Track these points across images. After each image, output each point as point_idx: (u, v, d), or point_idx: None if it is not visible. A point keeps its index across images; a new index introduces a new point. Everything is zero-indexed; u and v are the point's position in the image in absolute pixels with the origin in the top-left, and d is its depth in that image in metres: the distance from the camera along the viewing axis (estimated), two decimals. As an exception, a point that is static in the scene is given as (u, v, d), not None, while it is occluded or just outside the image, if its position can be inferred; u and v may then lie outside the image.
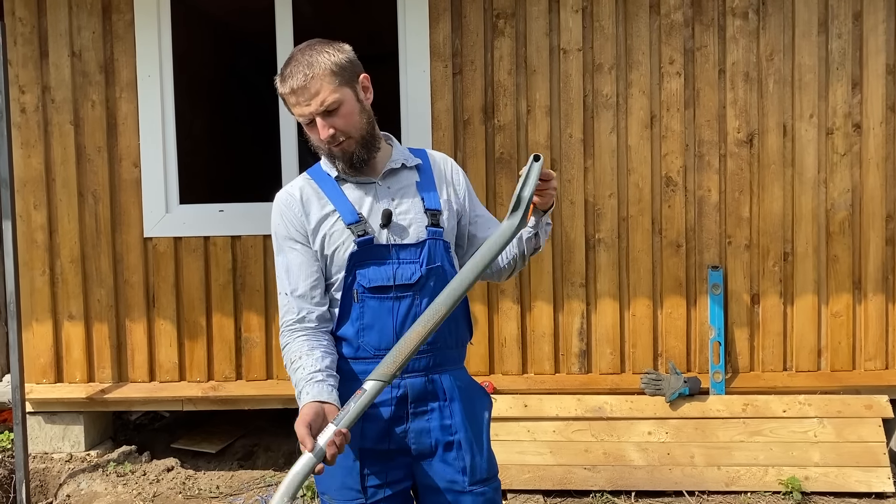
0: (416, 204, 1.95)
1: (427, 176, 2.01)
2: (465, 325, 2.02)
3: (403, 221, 1.93)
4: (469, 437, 1.93)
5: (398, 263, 1.90)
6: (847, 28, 3.91)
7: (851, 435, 3.76)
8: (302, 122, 1.88)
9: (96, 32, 4.00)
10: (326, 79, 1.82)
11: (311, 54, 1.84)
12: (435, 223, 1.94)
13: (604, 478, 3.73)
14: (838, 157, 3.94)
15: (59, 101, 4.03)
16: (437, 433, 1.93)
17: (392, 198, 1.95)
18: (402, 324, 1.89)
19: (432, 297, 1.86)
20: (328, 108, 1.83)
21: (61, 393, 4.08)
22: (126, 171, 4.04)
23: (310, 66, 1.82)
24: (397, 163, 1.98)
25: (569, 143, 3.96)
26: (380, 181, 1.96)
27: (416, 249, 1.92)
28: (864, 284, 3.96)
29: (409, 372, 1.90)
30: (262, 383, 4.07)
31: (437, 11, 3.95)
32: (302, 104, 1.83)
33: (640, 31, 3.94)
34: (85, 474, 3.98)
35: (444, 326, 1.89)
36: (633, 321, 4.00)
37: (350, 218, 1.91)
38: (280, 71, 1.89)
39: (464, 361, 2.05)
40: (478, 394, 2.03)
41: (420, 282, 1.90)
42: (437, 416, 1.93)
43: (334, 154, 1.90)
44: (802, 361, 3.98)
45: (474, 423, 1.96)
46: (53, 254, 4.07)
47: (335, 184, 1.97)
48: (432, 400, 1.93)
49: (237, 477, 4.04)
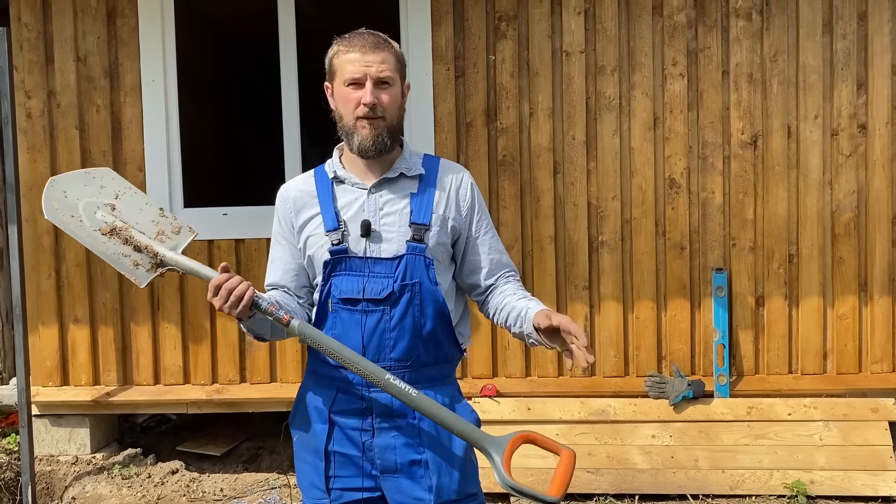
0: (402, 216, 1.93)
1: (427, 187, 1.97)
2: (448, 344, 1.98)
3: (385, 233, 1.92)
4: (437, 457, 1.92)
5: (370, 277, 1.89)
6: (852, 28, 3.88)
7: (857, 438, 3.74)
8: (352, 77, 1.88)
9: (101, 37, 4.03)
10: (393, 57, 1.91)
11: (384, 37, 1.93)
12: (418, 238, 1.91)
13: (607, 481, 3.72)
14: (843, 158, 3.91)
15: (65, 105, 4.06)
16: (403, 451, 1.92)
17: (380, 207, 1.94)
18: (370, 338, 1.89)
19: (406, 314, 1.88)
20: (384, 78, 1.88)
21: (67, 396, 4.11)
22: (130, 175, 4.06)
23: (385, 41, 1.91)
24: (395, 171, 1.97)
25: (571, 146, 3.96)
26: (372, 188, 1.96)
27: (391, 263, 1.90)
28: (870, 286, 3.93)
29: (376, 386, 1.89)
30: (266, 386, 4.08)
31: (439, 14, 3.95)
32: (365, 63, 1.87)
33: (643, 33, 3.93)
34: (90, 477, 4.00)
35: (420, 345, 1.91)
36: (636, 324, 3.99)
37: (329, 224, 1.93)
38: (345, 35, 1.94)
39: (449, 378, 2.02)
40: (460, 412, 1.97)
41: (391, 297, 1.88)
42: (405, 433, 1.92)
43: (359, 130, 1.90)
44: (808, 364, 3.96)
45: (447, 443, 1.93)
46: (59, 257, 4.10)
47: (330, 185, 1.98)
48: (400, 417, 1.92)
49: (241, 479, 4.05)
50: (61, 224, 1.95)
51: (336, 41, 1.94)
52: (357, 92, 1.88)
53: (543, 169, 3.96)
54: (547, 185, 3.96)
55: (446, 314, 1.94)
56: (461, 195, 2.01)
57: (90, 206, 1.94)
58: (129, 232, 1.92)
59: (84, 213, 1.94)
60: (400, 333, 1.90)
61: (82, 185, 1.96)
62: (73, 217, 1.94)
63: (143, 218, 1.95)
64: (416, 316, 1.90)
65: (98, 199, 1.94)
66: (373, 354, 1.90)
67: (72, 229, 1.95)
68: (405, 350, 1.91)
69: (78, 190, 1.95)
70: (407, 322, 1.90)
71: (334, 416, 1.94)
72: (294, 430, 2.04)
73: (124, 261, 1.93)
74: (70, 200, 1.95)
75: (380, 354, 1.90)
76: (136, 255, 1.93)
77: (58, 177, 1.98)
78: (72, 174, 1.99)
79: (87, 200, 1.94)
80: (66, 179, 1.97)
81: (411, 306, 1.90)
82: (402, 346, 1.90)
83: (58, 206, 1.94)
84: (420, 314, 1.91)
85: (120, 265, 1.94)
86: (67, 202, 1.94)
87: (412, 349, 1.91)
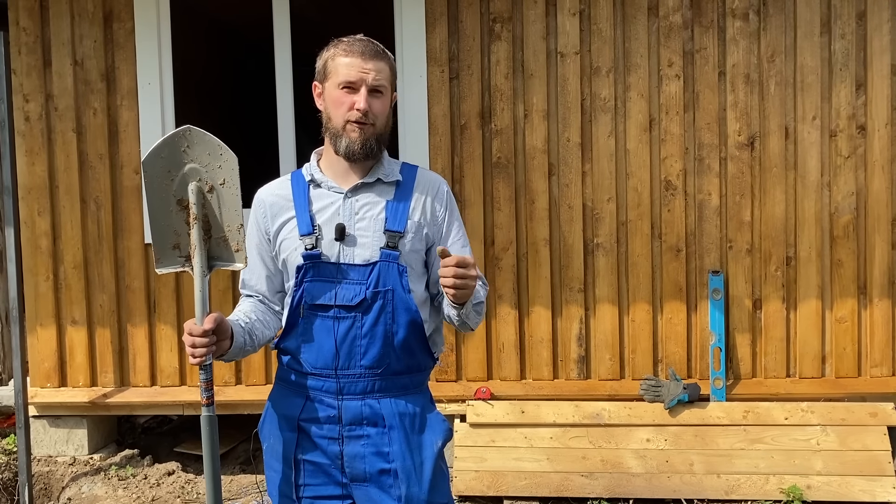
0: (377, 222, 1.92)
1: (403, 194, 1.96)
2: (421, 352, 1.97)
3: (360, 238, 1.91)
4: (408, 466, 1.91)
5: (342, 283, 1.89)
6: (850, 28, 3.84)
7: (855, 443, 3.69)
8: (347, 81, 1.88)
9: (98, 41, 4.05)
10: (388, 68, 1.93)
11: (382, 47, 1.94)
12: (392, 245, 1.90)
13: (601, 485, 3.70)
14: (842, 159, 3.87)
15: (62, 109, 4.08)
16: (372, 459, 1.91)
17: (356, 212, 1.93)
18: (342, 344, 1.89)
19: (378, 322, 1.88)
20: (378, 87, 1.89)
21: (65, 397, 4.13)
22: (127, 177, 4.08)
23: (383, 52, 1.93)
24: (373, 177, 1.96)
25: (567, 148, 3.93)
26: (349, 193, 1.95)
27: (364, 270, 1.89)
28: (869, 289, 3.88)
29: (346, 394, 1.90)
30: (262, 388, 4.08)
31: (433, 16, 3.94)
32: (363, 69, 1.88)
33: (639, 34, 3.90)
34: (87, 478, 4.03)
35: (392, 353, 1.91)
36: (632, 327, 3.96)
37: (304, 229, 1.93)
38: (343, 39, 1.94)
39: (421, 387, 2.01)
40: (430, 422, 1.98)
41: (363, 304, 1.88)
42: (374, 442, 1.91)
43: (348, 133, 1.90)
44: (806, 368, 3.91)
45: (417, 452, 1.93)
46: (57, 259, 4.13)
47: (306, 189, 1.98)
48: (369, 425, 1.91)
49: (237, 481, 4.06)
50: (149, 172, 1.85)
51: (334, 43, 1.93)
52: (350, 96, 1.88)
53: (538, 171, 3.94)
54: (542, 188, 3.94)
55: (419, 323, 1.93)
56: (437, 203, 2.00)
57: (193, 174, 1.85)
58: (194, 222, 1.85)
59: (181, 176, 1.85)
60: (371, 341, 1.89)
61: (207, 152, 1.86)
62: (169, 173, 1.85)
63: (225, 217, 1.88)
64: (387, 323, 1.90)
65: (206, 174, 1.86)
66: (344, 361, 1.90)
67: (153, 184, 1.86)
68: (376, 357, 1.90)
69: (200, 153, 1.86)
70: (378, 329, 1.89)
71: (303, 424, 1.94)
72: (263, 438, 2.03)
73: (170, 237, 1.88)
74: (184, 157, 1.86)
75: (350, 361, 1.90)
76: (183, 240, 1.88)
77: (194, 129, 1.86)
78: (207, 136, 1.87)
79: (195, 167, 1.85)
80: (200, 137, 1.86)
81: (383, 314, 1.89)
82: (373, 353, 1.90)
83: (165, 155, 1.85)
84: (392, 322, 1.90)
85: (161, 238, 1.88)
86: (180, 157, 1.85)
87: (383, 357, 1.90)
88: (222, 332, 1.80)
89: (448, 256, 1.75)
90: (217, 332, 1.79)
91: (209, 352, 1.77)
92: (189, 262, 1.89)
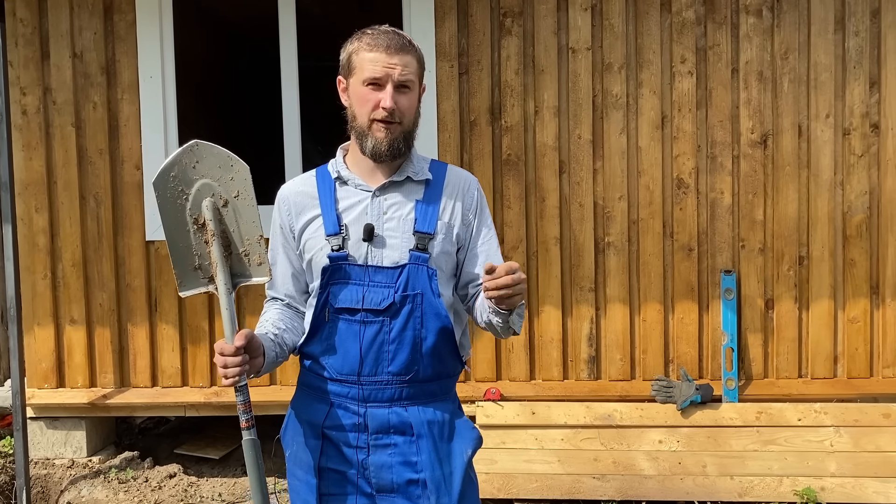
0: (406, 223, 1.85)
1: (433, 194, 1.89)
2: (450, 358, 1.90)
3: (388, 239, 1.84)
4: (437, 476, 1.84)
5: (369, 286, 1.82)
6: (864, 25, 3.80)
7: (869, 444, 3.66)
8: (372, 78, 1.79)
9: (97, 33, 3.95)
10: (415, 61, 1.83)
11: (407, 37, 1.85)
12: (422, 247, 1.83)
13: (613, 487, 3.65)
14: (855, 158, 3.83)
15: (61, 102, 3.98)
16: (400, 469, 1.84)
17: (384, 211, 1.86)
18: (368, 350, 1.82)
19: (407, 326, 1.81)
20: (405, 82, 1.81)
21: (63, 398, 4.03)
22: (128, 173, 3.99)
23: (410, 44, 1.84)
24: (402, 175, 1.89)
25: (577, 145, 3.87)
26: (377, 191, 1.88)
27: (392, 273, 1.82)
28: (881, 289, 3.85)
29: (371, 401, 1.83)
30: (266, 389, 4.00)
31: (442, 10, 3.87)
32: (388, 64, 1.79)
33: (651, 30, 3.84)
34: (86, 481, 3.93)
35: (421, 359, 1.83)
36: (643, 326, 3.91)
37: (330, 228, 1.85)
38: (367, 30, 1.85)
39: (450, 394, 1.94)
40: (459, 430, 1.91)
41: (391, 308, 1.81)
42: (401, 451, 1.84)
43: (374, 133, 1.82)
44: (818, 368, 3.88)
45: (446, 461, 1.86)
46: (55, 257, 4.02)
47: (332, 186, 1.90)
48: (397, 434, 1.85)
49: (240, 484, 3.98)
50: (161, 193, 1.78)
51: (357, 36, 1.85)
52: (376, 93, 1.80)
53: (549, 168, 3.88)
54: (552, 185, 3.88)
55: (449, 328, 1.86)
56: (468, 204, 1.93)
57: (206, 189, 1.79)
58: (213, 239, 1.78)
59: (195, 193, 1.79)
60: (399, 346, 1.82)
61: (217, 165, 1.79)
62: (181, 192, 1.79)
63: (243, 231, 1.81)
64: (416, 329, 1.83)
65: (219, 188, 1.79)
66: (370, 368, 1.83)
67: (167, 205, 1.79)
68: (404, 364, 1.83)
69: (210, 167, 1.79)
70: (407, 335, 1.82)
71: (327, 432, 1.86)
72: (286, 445, 1.96)
73: (190, 258, 1.81)
74: (194, 173, 1.79)
75: (377, 367, 1.83)
76: (204, 259, 1.81)
77: (201, 143, 1.79)
78: (216, 148, 1.80)
79: (207, 182, 1.79)
80: (208, 150, 1.79)
81: (412, 318, 1.82)
82: (402, 359, 1.83)
83: (176, 174, 1.78)
84: (421, 327, 1.83)
85: (181, 260, 1.81)
86: (190, 173, 1.79)
87: (412, 363, 1.83)
88: (254, 348, 1.73)
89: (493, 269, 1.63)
90: (248, 350, 1.71)
91: (243, 371, 1.69)
92: (212, 283, 1.81)
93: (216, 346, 1.71)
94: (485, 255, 1.92)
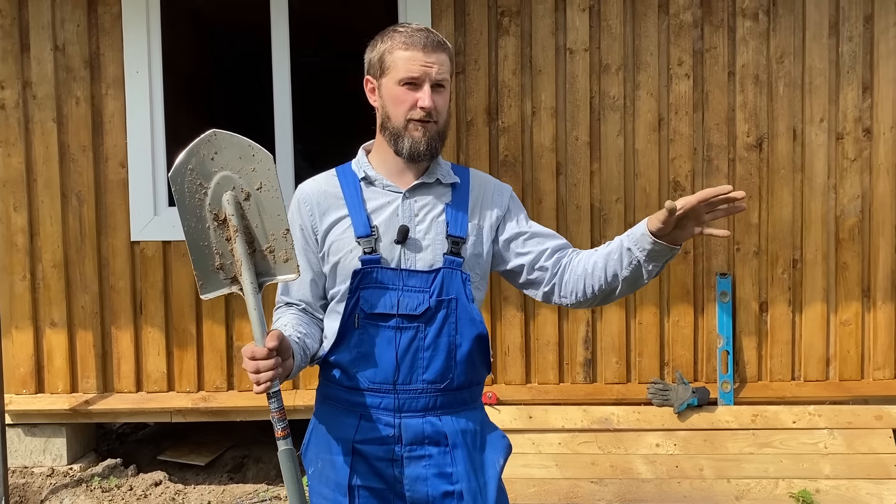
0: (438, 226, 1.79)
1: (461, 197, 1.84)
2: (481, 365, 1.85)
3: (421, 243, 1.78)
4: (473, 488, 1.77)
5: (404, 290, 1.75)
6: (858, 31, 3.83)
7: (862, 446, 3.69)
8: (409, 77, 1.73)
9: (81, 25, 3.81)
10: (448, 59, 1.79)
11: (441, 36, 1.80)
12: (455, 251, 1.78)
13: (611, 492, 3.62)
14: (848, 162, 3.86)
15: (42, 97, 3.83)
16: (435, 482, 1.78)
17: (416, 213, 1.80)
18: (403, 357, 1.75)
19: (442, 332, 1.75)
20: (441, 81, 1.76)
21: (43, 404, 3.88)
22: (112, 171, 3.85)
23: (444, 42, 1.79)
24: (432, 177, 1.83)
25: (575, 146, 3.85)
26: (407, 193, 1.81)
27: (427, 277, 1.76)
28: (873, 292, 3.89)
29: (406, 411, 1.76)
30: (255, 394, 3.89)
31: (439, 8, 3.81)
32: (426, 63, 1.73)
33: (649, 32, 3.83)
34: (68, 489, 3.79)
35: (455, 366, 1.77)
36: (639, 329, 3.90)
37: (361, 230, 1.78)
38: (398, 28, 1.79)
39: (478, 402, 1.88)
40: (490, 438, 1.85)
41: (427, 314, 1.75)
42: (436, 462, 1.78)
43: (411, 133, 1.76)
44: (811, 371, 3.90)
45: (480, 472, 1.80)
46: (35, 258, 3.87)
47: (358, 186, 1.83)
48: (431, 444, 1.78)
49: (229, 491, 3.87)
50: (179, 188, 1.68)
51: (388, 34, 1.78)
52: (413, 93, 1.74)
53: (546, 170, 3.85)
54: (549, 187, 3.84)
55: (483, 334, 1.80)
56: (496, 201, 1.88)
57: (226, 182, 1.68)
58: (236, 234, 1.68)
59: (215, 186, 1.68)
60: (434, 353, 1.76)
61: (237, 155, 1.68)
62: (200, 186, 1.68)
63: (267, 225, 1.70)
64: (451, 335, 1.77)
65: (240, 180, 1.69)
66: (405, 376, 1.76)
67: (185, 200, 1.68)
68: (439, 371, 1.77)
69: (230, 158, 1.69)
70: (442, 341, 1.76)
71: (359, 446, 1.78)
72: (308, 462, 1.87)
73: (211, 258, 1.70)
74: (213, 165, 1.68)
75: (412, 375, 1.76)
76: (226, 258, 1.70)
77: (220, 132, 1.68)
78: (235, 137, 1.69)
79: (228, 174, 1.68)
80: (227, 140, 1.69)
81: (446, 324, 1.76)
82: (436, 366, 1.76)
83: (193, 167, 1.67)
84: (455, 332, 1.77)
85: (202, 260, 1.70)
86: (209, 165, 1.68)
87: (446, 370, 1.77)
88: (284, 350, 1.63)
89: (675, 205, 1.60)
90: (280, 352, 1.61)
91: (276, 375, 1.58)
92: (235, 283, 1.71)
93: (245, 351, 1.60)
94: (541, 235, 1.88)
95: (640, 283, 1.77)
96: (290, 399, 3.75)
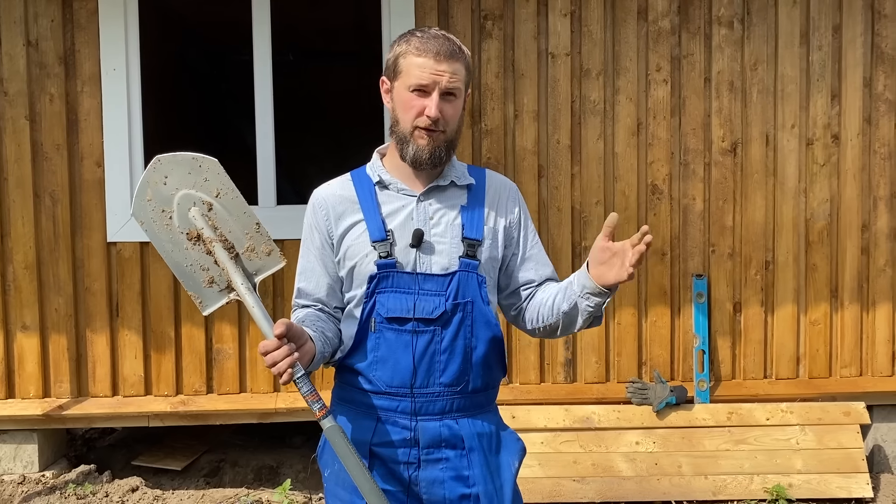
0: (454, 229, 1.81)
1: (476, 199, 1.85)
2: (497, 367, 1.87)
3: (437, 245, 1.79)
4: (489, 491, 1.80)
5: (420, 294, 1.77)
6: (827, 40, 3.96)
7: (831, 442, 3.82)
8: (419, 84, 1.73)
9: (55, 21, 3.71)
10: (464, 68, 1.78)
11: (457, 42, 1.78)
12: (471, 254, 1.79)
13: (593, 490, 3.68)
14: (818, 167, 3.99)
15: (13, 93, 3.72)
16: (452, 484, 1.80)
17: (430, 216, 1.81)
18: (420, 361, 1.76)
19: (458, 336, 1.77)
20: (452, 90, 1.74)
21: (13, 410, 3.77)
22: (88, 170, 3.76)
23: (460, 50, 1.77)
24: (446, 179, 1.84)
25: (556, 149, 3.89)
26: (422, 196, 1.82)
27: (443, 280, 1.77)
28: (840, 293, 4.03)
29: (423, 414, 1.78)
30: (235, 397, 3.86)
31: (423, 10, 3.82)
32: (436, 72, 1.72)
33: (628, 38, 3.90)
34: (41, 497, 3.69)
35: (471, 369, 1.79)
36: (618, 330, 3.97)
37: (376, 234, 1.78)
38: (416, 32, 1.78)
39: (493, 405, 1.91)
40: (505, 441, 1.87)
41: (443, 317, 1.76)
42: (453, 466, 1.80)
43: (416, 140, 1.76)
44: (782, 369, 4.02)
45: (496, 475, 1.82)
46: (5, 259, 3.76)
47: (373, 191, 1.83)
48: (448, 448, 1.79)
49: (208, 496, 3.81)
50: (145, 221, 1.70)
51: (406, 37, 1.78)
52: (421, 100, 1.74)
53: (528, 172, 3.89)
54: (531, 189, 3.89)
55: (499, 337, 1.83)
56: (509, 208, 1.90)
57: (186, 200, 1.70)
58: (213, 245, 1.70)
59: (177, 208, 1.70)
60: (450, 356, 1.78)
61: (186, 171, 1.70)
62: (164, 213, 1.70)
63: (238, 227, 1.73)
64: (467, 338, 1.79)
65: (197, 194, 1.70)
66: (422, 379, 1.77)
67: (155, 231, 1.70)
68: (456, 374, 1.79)
69: (181, 177, 1.70)
70: (458, 344, 1.78)
71: (376, 449, 1.79)
72: (325, 464, 1.87)
73: (199, 275, 1.71)
74: (168, 189, 1.69)
75: (429, 379, 1.78)
76: (214, 270, 1.71)
77: (163, 156, 1.70)
78: (178, 155, 1.70)
79: (185, 192, 1.70)
80: (172, 161, 1.70)
81: (463, 327, 1.78)
82: (453, 369, 1.78)
83: (151, 197, 1.69)
84: (471, 336, 1.79)
85: (192, 281, 1.72)
86: (164, 191, 1.69)
87: (463, 373, 1.79)
88: (296, 336, 1.63)
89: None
90: (291, 337, 1.61)
91: (294, 360, 1.59)
92: (231, 290, 1.73)
93: (259, 348, 1.61)
94: (534, 261, 1.90)
95: (575, 322, 1.80)
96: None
